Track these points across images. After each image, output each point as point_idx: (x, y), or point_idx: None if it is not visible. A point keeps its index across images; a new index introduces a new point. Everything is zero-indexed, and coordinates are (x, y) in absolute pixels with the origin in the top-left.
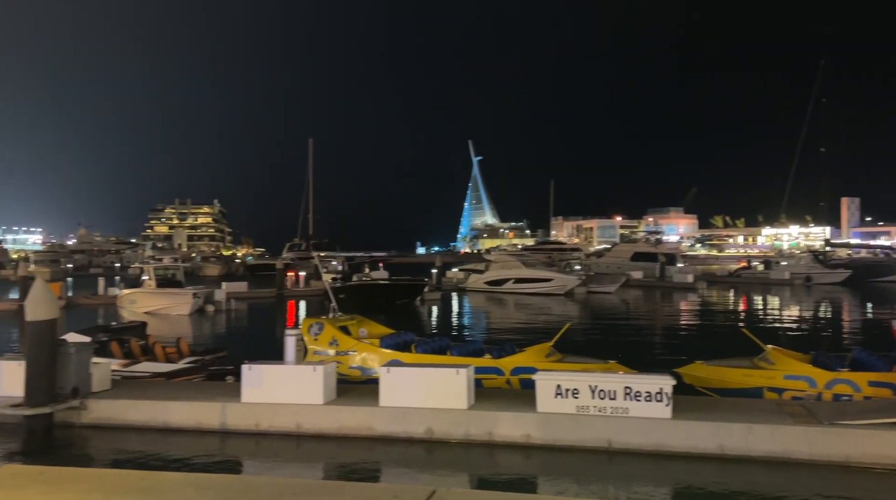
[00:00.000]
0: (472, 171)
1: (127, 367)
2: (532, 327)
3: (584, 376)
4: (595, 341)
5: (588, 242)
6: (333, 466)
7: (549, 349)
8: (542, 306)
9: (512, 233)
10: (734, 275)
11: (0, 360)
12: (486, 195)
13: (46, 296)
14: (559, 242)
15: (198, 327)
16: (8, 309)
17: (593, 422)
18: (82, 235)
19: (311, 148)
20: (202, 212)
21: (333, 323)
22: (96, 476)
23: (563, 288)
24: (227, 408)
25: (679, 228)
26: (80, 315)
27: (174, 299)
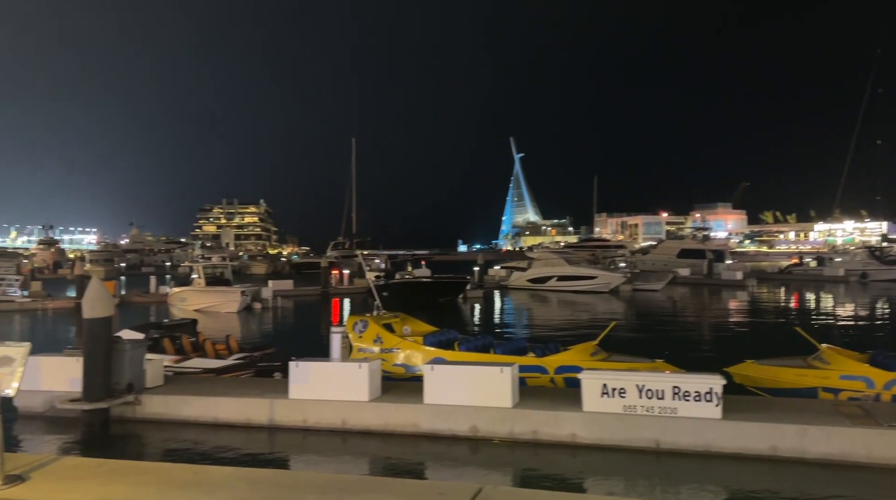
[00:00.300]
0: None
1: (178, 363)
2: (576, 325)
3: (631, 376)
4: (641, 339)
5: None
6: (379, 462)
7: (594, 348)
8: (585, 304)
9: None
10: (785, 272)
11: (59, 356)
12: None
13: (102, 294)
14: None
15: (245, 324)
16: (65, 306)
17: (640, 422)
18: (134, 235)
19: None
20: (249, 211)
21: (377, 321)
22: (151, 469)
23: (607, 286)
24: (275, 404)
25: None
26: (132, 313)
27: (223, 297)
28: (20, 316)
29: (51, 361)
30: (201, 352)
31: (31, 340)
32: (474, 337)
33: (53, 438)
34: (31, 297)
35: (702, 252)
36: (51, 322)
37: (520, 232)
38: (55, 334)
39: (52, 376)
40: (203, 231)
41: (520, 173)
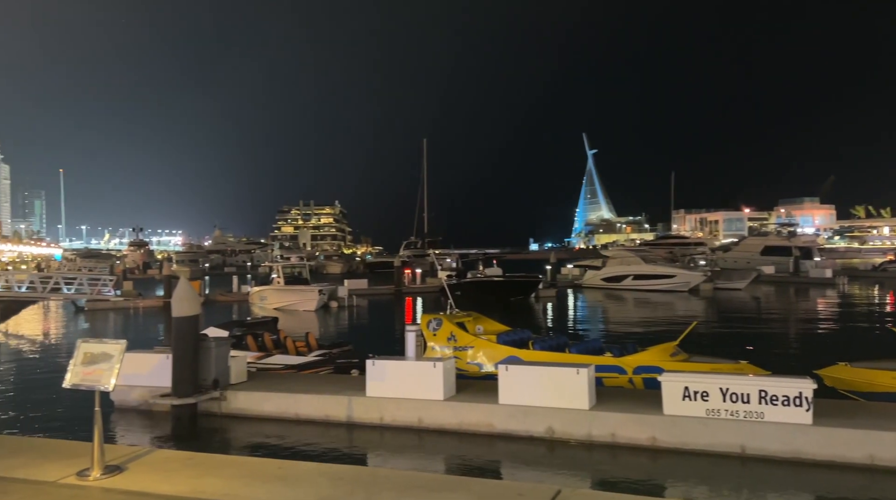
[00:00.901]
0: (587, 164)
1: (261, 360)
2: (653, 325)
3: (714, 378)
4: (723, 340)
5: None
6: (455, 461)
7: (673, 348)
8: (663, 303)
9: (629, 227)
10: (879, 269)
11: (150, 352)
12: (602, 189)
13: (190, 294)
14: (681, 236)
15: (323, 322)
16: (155, 305)
17: (725, 426)
18: (217, 237)
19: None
20: (324, 212)
21: (451, 319)
22: (238, 463)
23: (686, 285)
24: (353, 401)
25: (815, 220)
26: (216, 311)
27: (301, 296)
28: (114, 314)
29: (143, 357)
30: (282, 349)
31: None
32: (548, 337)
33: (146, 430)
34: (124, 296)
35: (787, 249)
36: (141, 320)
37: (593, 230)
38: (146, 332)
39: (144, 372)
40: (281, 232)
41: (593, 170)
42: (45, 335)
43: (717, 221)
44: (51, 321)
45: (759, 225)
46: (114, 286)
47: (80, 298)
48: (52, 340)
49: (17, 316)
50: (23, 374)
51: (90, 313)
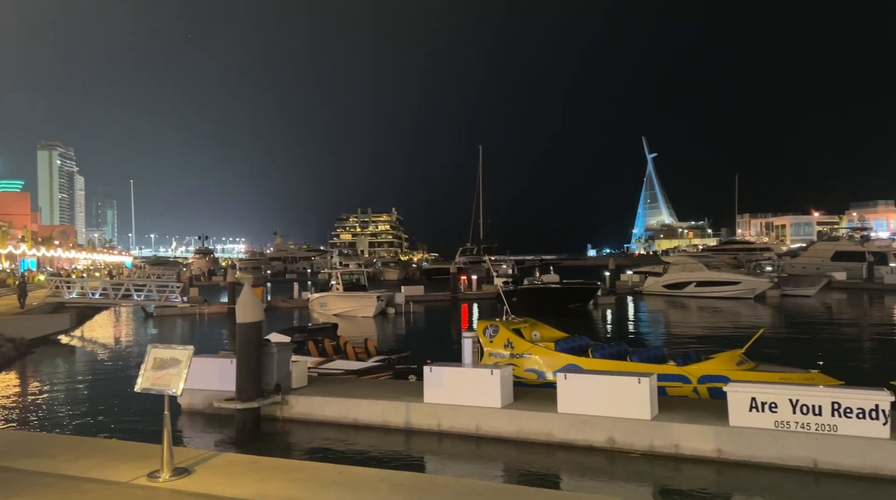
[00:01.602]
0: (647, 168)
1: (321, 365)
2: (718, 333)
3: (784, 389)
4: (792, 349)
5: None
6: (513, 469)
7: (740, 357)
8: (728, 310)
9: (691, 233)
10: None
11: (215, 357)
12: (662, 193)
13: (253, 301)
14: (746, 241)
15: (381, 328)
16: (219, 311)
17: (795, 439)
18: (278, 244)
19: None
20: (381, 220)
21: (508, 326)
22: (300, 468)
23: (752, 291)
24: (410, 407)
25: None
26: (277, 317)
27: (360, 302)
28: (181, 320)
29: (208, 362)
30: (342, 355)
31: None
32: (608, 344)
33: (211, 433)
34: (190, 302)
35: (861, 254)
36: (207, 325)
37: (653, 235)
38: (210, 337)
39: (209, 376)
40: (340, 239)
41: (653, 174)
42: (116, 340)
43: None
44: (122, 326)
45: (829, 229)
46: (181, 293)
47: (149, 304)
48: (123, 344)
49: (91, 321)
50: (97, 377)
51: (158, 319)
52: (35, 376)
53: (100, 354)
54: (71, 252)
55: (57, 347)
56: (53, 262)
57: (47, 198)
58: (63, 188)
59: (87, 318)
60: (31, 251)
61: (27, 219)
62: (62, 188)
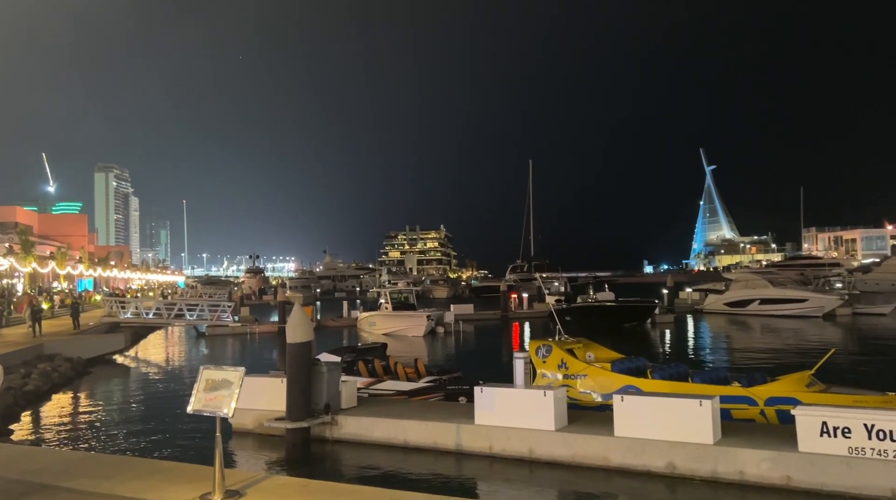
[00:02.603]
0: (706, 181)
1: (371, 385)
2: (784, 353)
3: (858, 413)
4: (866, 370)
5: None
6: (568, 495)
7: (809, 378)
8: (795, 329)
9: (754, 248)
10: None
11: (266, 377)
12: (722, 207)
13: (303, 320)
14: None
15: (431, 348)
16: (270, 331)
17: (871, 467)
18: (328, 263)
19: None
20: (430, 237)
21: (561, 346)
22: (350, 492)
23: (820, 309)
24: (461, 429)
25: None
26: (327, 336)
27: (409, 322)
28: (232, 339)
29: (259, 381)
30: (392, 375)
31: (242, 362)
32: (667, 365)
33: (262, 454)
34: (241, 322)
35: None
36: (257, 345)
37: (714, 251)
38: (261, 356)
39: (260, 396)
40: (388, 257)
41: (712, 186)
42: (169, 360)
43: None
44: (174, 346)
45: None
46: (232, 312)
47: (201, 323)
48: (175, 364)
49: (145, 341)
50: (150, 397)
51: (210, 338)
52: (91, 395)
53: (153, 374)
54: (126, 272)
55: (112, 366)
56: (109, 282)
57: (103, 219)
58: (118, 209)
59: (141, 337)
60: (88, 272)
61: (84, 240)
62: (117, 209)
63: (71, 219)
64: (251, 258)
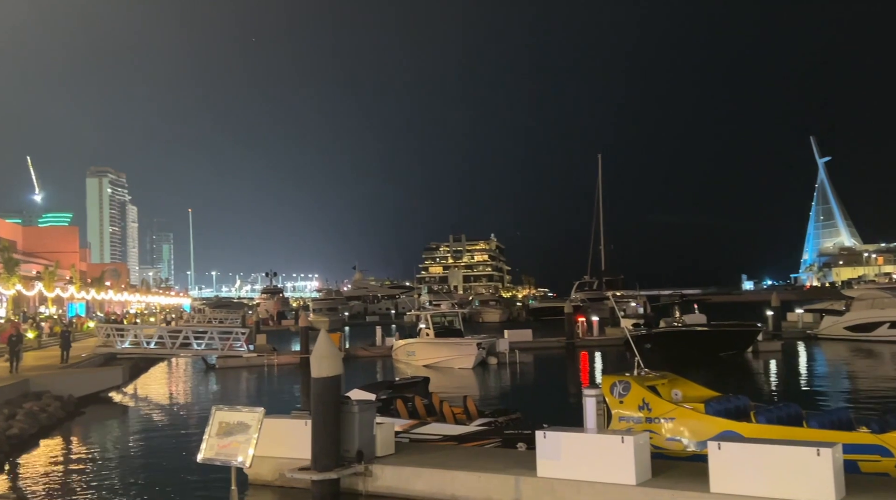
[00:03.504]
0: (818, 176)
1: (412, 429)
2: None
3: None
4: None
5: None
6: None
7: None
8: None
9: (881, 258)
10: None
11: (287, 418)
12: (840, 208)
13: (331, 351)
14: None
15: (482, 382)
16: (291, 362)
17: None
18: (357, 280)
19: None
20: (478, 249)
21: (641, 382)
22: None
23: None
24: (520, 482)
25: None
26: (357, 369)
27: (456, 351)
28: (247, 373)
29: (279, 424)
30: (437, 416)
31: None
32: (775, 405)
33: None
34: (257, 352)
35: None
36: (276, 380)
37: (830, 262)
38: (281, 393)
39: (280, 441)
40: (429, 273)
41: (826, 183)
42: (174, 398)
43: None
44: (180, 381)
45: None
46: (246, 341)
47: (210, 354)
48: (182, 403)
49: (146, 375)
50: (152, 443)
51: (221, 372)
52: (84, 440)
53: (155, 415)
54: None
55: (108, 406)
56: (104, 306)
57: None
58: (114, 220)
59: (142, 371)
60: (80, 294)
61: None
62: (113, 220)
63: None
64: (268, 276)
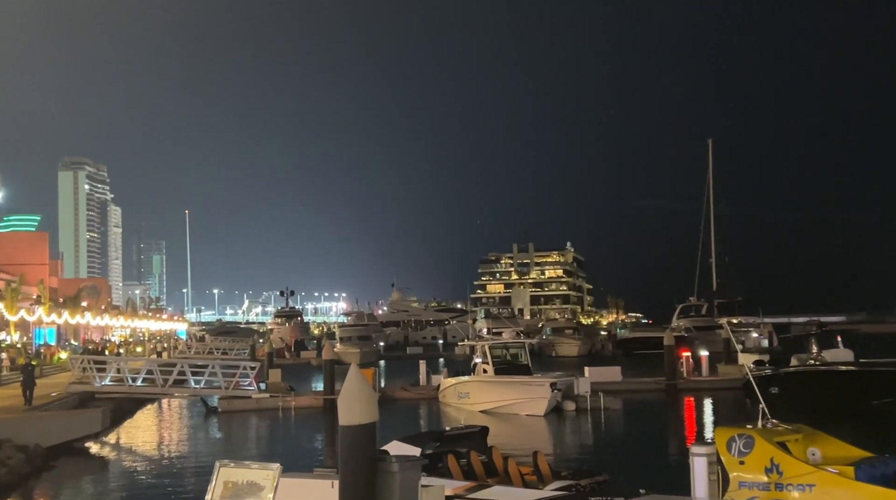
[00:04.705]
0: None
1: (469, 492)
2: None
3: None
4: None
5: None
6: None
7: None
8: None
9: None
10: None
11: (308, 477)
12: None
13: (363, 392)
14: None
15: (556, 434)
16: (312, 405)
17: None
18: (396, 301)
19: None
20: (550, 261)
21: (768, 437)
22: None
23: None
24: None
25: None
26: (396, 414)
27: (523, 392)
28: (257, 418)
29: (298, 484)
30: (499, 476)
31: (272, 453)
32: None
33: None
34: (270, 391)
35: None
36: (294, 427)
37: None
38: (299, 445)
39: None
40: (487, 292)
41: None
42: (166, 449)
43: None
44: (174, 428)
45: None
46: (256, 378)
47: (211, 394)
48: (176, 455)
49: (131, 420)
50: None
51: (226, 417)
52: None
53: (143, 470)
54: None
55: (84, 458)
56: (79, 332)
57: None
58: (93, 224)
59: (126, 415)
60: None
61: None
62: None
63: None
64: (283, 296)
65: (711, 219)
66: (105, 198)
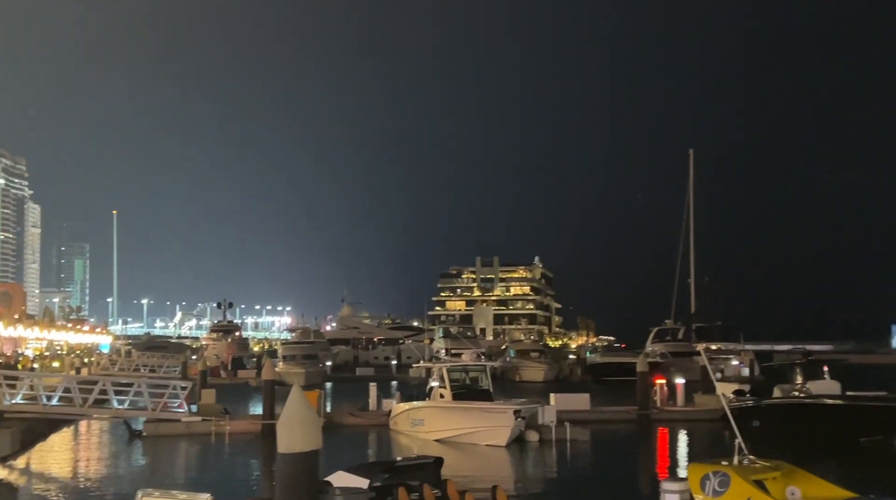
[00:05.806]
0: None
1: None
2: None
3: None
4: None
5: None
6: None
7: None
8: None
9: None
10: None
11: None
12: None
13: (306, 417)
14: None
15: (519, 466)
16: (249, 430)
17: None
18: (345, 317)
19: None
20: (516, 277)
21: (744, 474)
22: None
23: None
24: None
25: None
26: (343, 442)
27: (483, 420)
28: (186, 443)
29: None
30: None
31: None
32: None
33: None
34: (202, 414)
35: None
36: (227, 453)
37: None
38: (233, 472)
39: None
40: (446, 309)
41: None
42: (83, 476)
43: None
44: (93, 453)
45: None
46: (188, 399)
47: (136, 416)
48: (94, 483)
49: (45, 443)
50: None
51: (151, 441)
52: None
53: (56, 499)
54: (16, 327)
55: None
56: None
57: None
58: (8, 223)
59: (39, 437)
60: None
61: None
62: (6, 223)
63: None
64: (220, 308)
65: (691, 235)
66: (23, 194)
